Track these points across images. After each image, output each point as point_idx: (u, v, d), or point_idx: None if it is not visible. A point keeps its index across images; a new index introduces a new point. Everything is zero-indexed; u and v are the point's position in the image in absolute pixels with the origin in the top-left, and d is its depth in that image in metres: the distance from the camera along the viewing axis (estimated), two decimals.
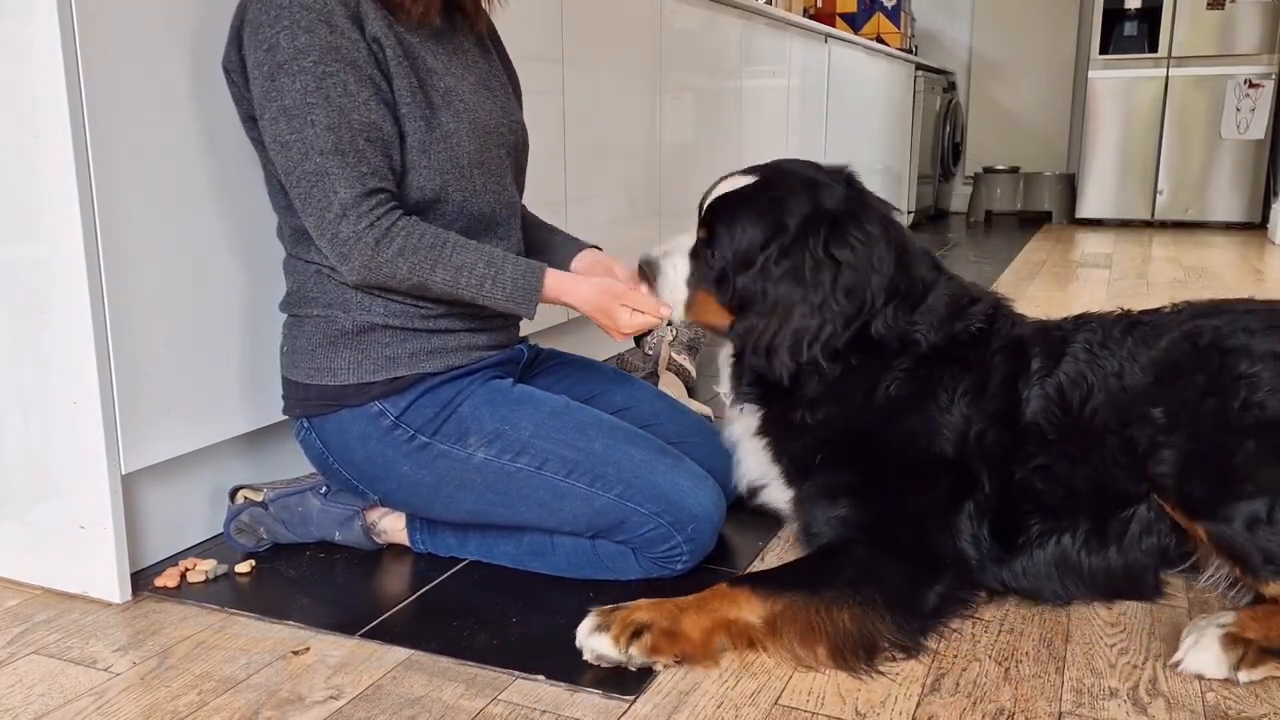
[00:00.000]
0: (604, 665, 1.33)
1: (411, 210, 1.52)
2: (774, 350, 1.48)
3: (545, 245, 1.78)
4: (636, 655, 1.31)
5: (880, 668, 1.33)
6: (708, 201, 1.57)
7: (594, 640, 1.33)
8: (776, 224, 1.49)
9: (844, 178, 1.56)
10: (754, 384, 1.58)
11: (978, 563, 1.48)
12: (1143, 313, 1.58)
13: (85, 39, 1.41)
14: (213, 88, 1.57)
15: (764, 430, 1.60)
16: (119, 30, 1.47)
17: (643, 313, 1.52)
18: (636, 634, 1.32)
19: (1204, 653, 1.32)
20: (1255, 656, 1.30)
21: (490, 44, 1.73)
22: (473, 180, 1.56)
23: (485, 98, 1.61)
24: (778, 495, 1.61)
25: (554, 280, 1.53)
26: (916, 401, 1.50)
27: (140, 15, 1.50)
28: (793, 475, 1.57)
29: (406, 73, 1.49)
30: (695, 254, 1.56)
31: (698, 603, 1.38)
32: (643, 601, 1.38)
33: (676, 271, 1.57)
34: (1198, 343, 1.46)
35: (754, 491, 1.66)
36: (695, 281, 1.56)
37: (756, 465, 1.63)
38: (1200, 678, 1.31)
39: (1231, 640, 1.31)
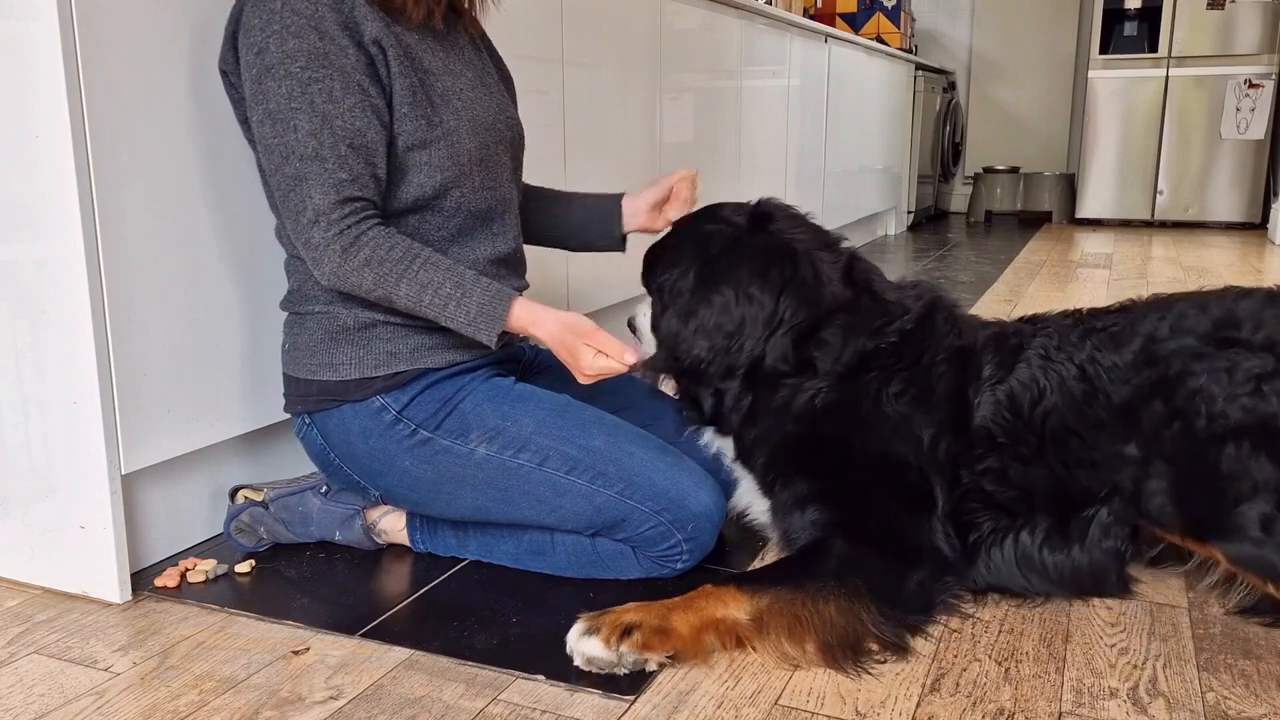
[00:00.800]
0: (595, 670, 1.32)
1: (413, 209, 1.53)
2: (687, 374, 1.59)
3: (588, 215, 1.83)
4: (628, 654, 1.31)
5: (869, 666, 1.33)
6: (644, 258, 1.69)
7: (584, 644, 1.32)
8: (672, 264, 1.60)
9: (751, 214, 1.61)
10: (690, 409, 1.65)
11: (952, 557, 1.49)
12: (1091, 313, 1.60)
13: (85, 39, 1.41)
14: (213, 88, 1.57)
15: (734, 450, 1.64)
16: (119, 30, 1.47)
17: (606, 356, 1.49)
18: (626, 633, 1.32)
19: None
20: None
21: (480, 42, 1.73)
22: (473, 177, 1.56)
23: (483, 95, 1.61)
24: (759, 509, 1.63)
25: (522, 310, 1.49)
26: (847, 407, 1.53)
27: (140, 15, 1.50)
28: (763, 487, 1.60)
29: (408, 72, 1.49)
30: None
31: (685, 602, 1.38)
32: (630, 605, 1.38)
33: (646, 321, 1.68)
34: (1152, 361, 1.47)
35: (742, 513, 1.68)
36: (653, 329, 1.65)
37: (742, 485, 1.66)
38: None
39: None
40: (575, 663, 1.33)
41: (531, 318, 1.50)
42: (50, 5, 1.38)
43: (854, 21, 7.09)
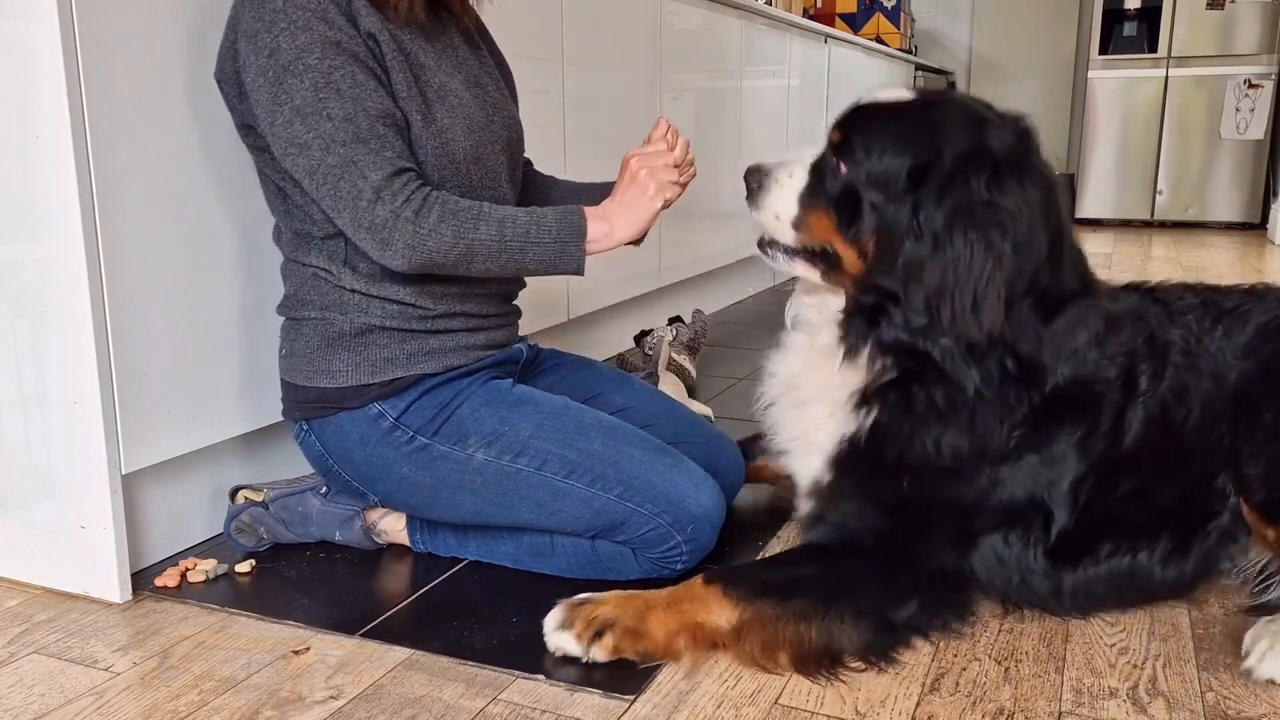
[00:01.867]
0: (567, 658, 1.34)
1: None
2: (956, 315, 1.24)
3: (579, 192, 1.82)
4: (598, 655, 1.31)
5: (846, 675, 1.32)
6: (847, 112, 1.36)
7: (557, 637, 1.34)
8: (932, 149, 1.27)
9: (1015, 126, 1.34)
10: (890, 350, 1.34)
11: (988, 580, 1.42)
12: (1214, 290, 1.49)
13: (85, 39, 1.41)
14: (213, 89, 1.57)
15: (864, 401, 1.38)
16: (119, 30, 1.47)
17: (664, 165, 1.55)
18: (599, 634, 1.31)
19: (1278, 661, 1.28)
20: None
21: (480, 40, 1.73)
22: (468, 176, 1.56)
23: (477, 94, 1.61)
24: (802, 465, 1.48)
25: (592, 211, 1.53)
26: (1029, 453, 1.34)
27: (141, 16, 1.50)
28: (845, 464, 1.41)
29: (402, 67, 1.48)
30: (817, 168, 1.38)
31: (668, 600, 1.36)
32: (612, 595, 1.37)
33: (791, 181, 1.38)
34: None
35: (779, 450, 1.53)
36: (813, 197, 1.36)
37: (804, 425, 1.47)
38: (1273, 683, 1.29)
39: None
40: (549, 650, 1.35)
41: (601, 212, 1.54)
42: (50, 5, 1.38)
43: (854, 22, 7.09)
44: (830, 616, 1.32)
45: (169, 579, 1.60)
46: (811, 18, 5.92)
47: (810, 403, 1.47)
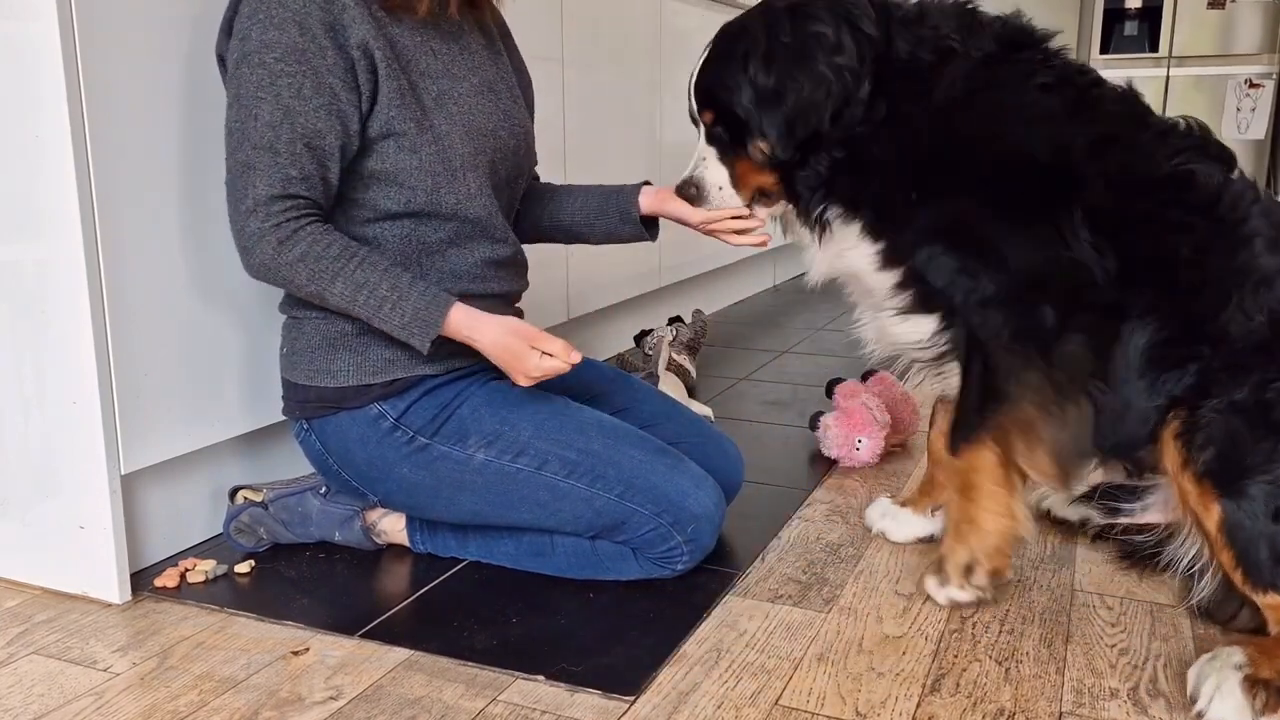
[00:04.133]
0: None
1: (407, 213, 1.52)
2: (814, 126, 1.43)
3: (603, 205, 1.78)
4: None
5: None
6: (689, 89, 1.55)
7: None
8: (745, 51, 1.46)
9: None
10: (819, 187, 1.49)
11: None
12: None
13: (85, 39, 1.41)
14: (213, 88, 1.57)
15: (842, 204, 1.50)
16: (119, 30, 1.47)
17: (552, 356, 1.47)
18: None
19: (1228, 700, 1.22)
20: (1275, 700, 1.21)
21: (503, 46, 1.72)
22: (466, 183, 1.55)
23: (486, 100, 1.60)
24: (857, 260, 1.52)
25: (461, 315, 1.47)
26: (989, 93, 1.42)
27: (141, 15, 1.50)
28: (878, 223, 1.48)
29: (396, 74, 1.48)
30: (710, 138, 1.55)
31: None
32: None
33: (706, 163, 1.56)
34: None
35: (832, 275, 1.59)
36: (723, 156, 1.54)
37: (834, 249, 1.54)
38: None
39: (1250, 684, 1.23)
40: None
41: (470, 323, 1.47)
42: (50, 5, 1.38)
43: None
44: None
45: (168, 579, 1.60)
46: None
47: (847, 265, 1.56)
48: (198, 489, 1.75)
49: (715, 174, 1.56)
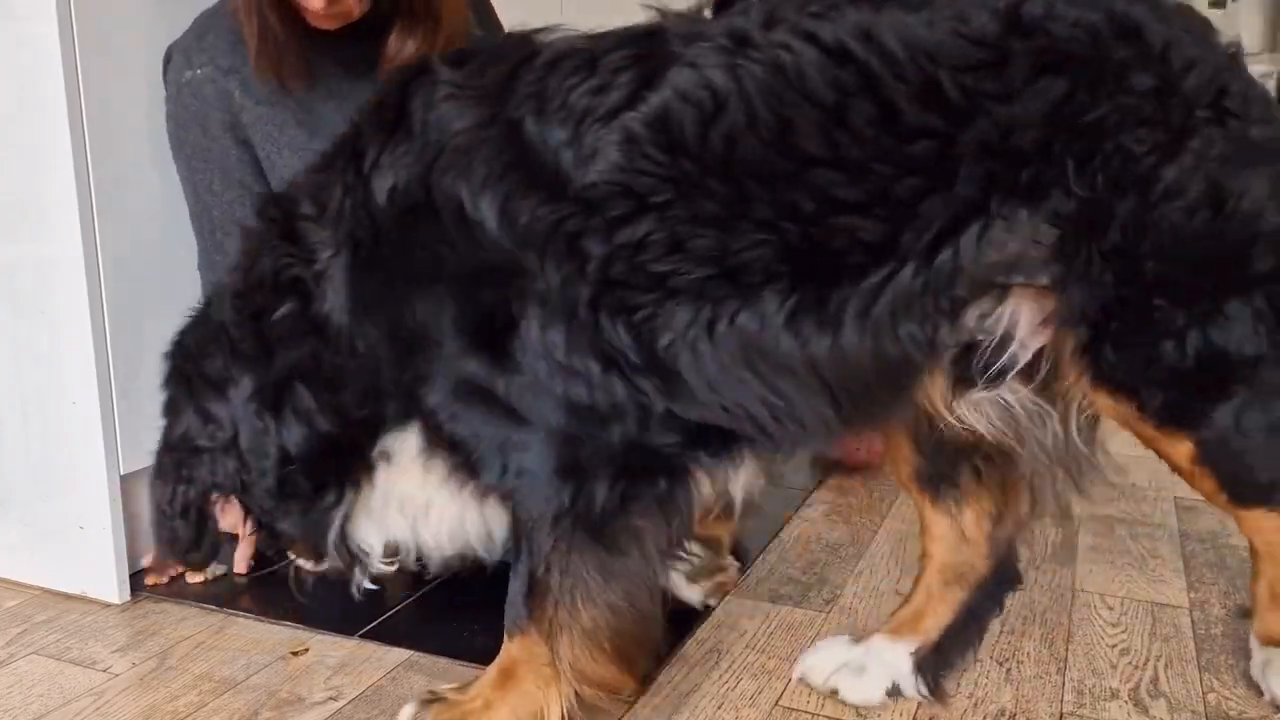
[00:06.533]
0: None
1: None
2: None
3: None
4: None
5: None
6: None
7: None
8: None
9: None
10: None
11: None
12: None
13: (85, 39, 1.41)
14: None
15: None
16: (119, 30, 1.47)
17: None
18: None
19: None
20: None
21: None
22: None
23: None
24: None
25: None
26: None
27: (140, 16, 1.50)
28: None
29: (288, 137, 1.50)
30: None
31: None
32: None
33: None
34: None
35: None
36: None
37: None
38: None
39: None
40: None
41: None
42: (50, 5, 1.38)
43: None
44: None
45: (156, 573, 1.59)
46: None
47: None
48: None
49: None
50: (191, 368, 1.22)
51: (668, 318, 1.04)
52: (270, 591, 1.59)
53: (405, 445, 1.18)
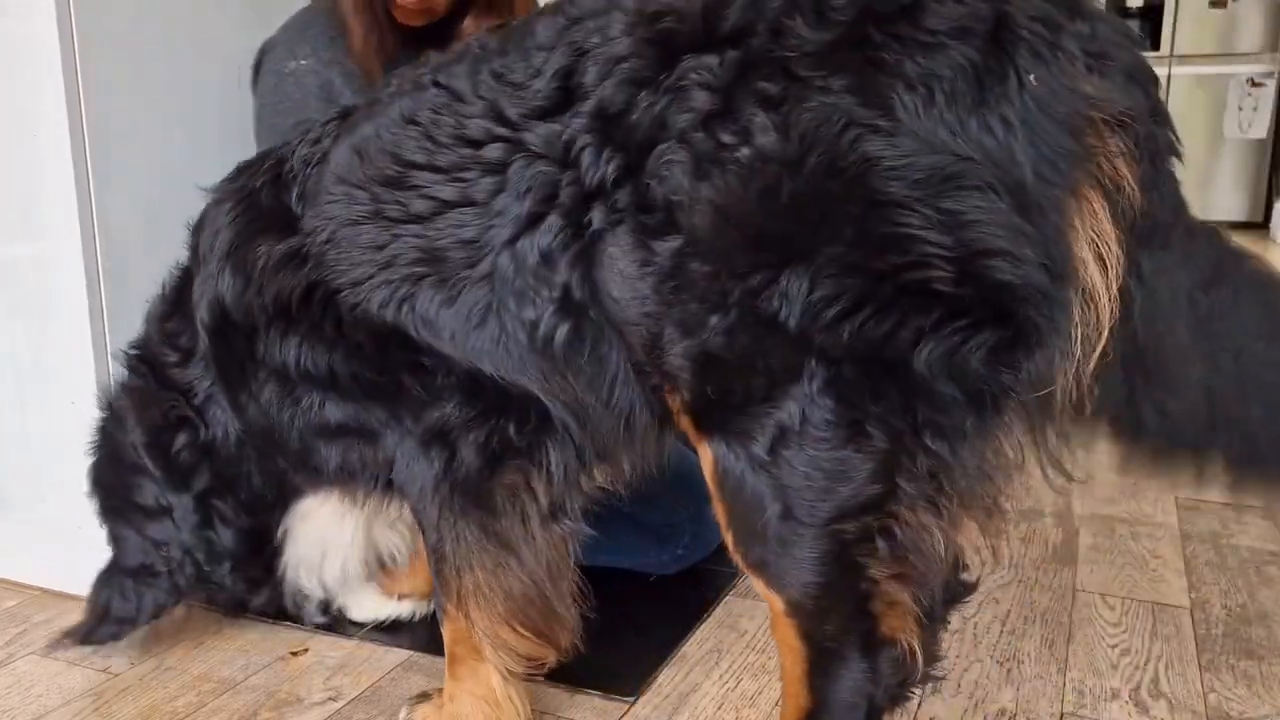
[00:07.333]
0: None
1: None
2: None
3: None
4: None
5: None
6: None
7: None
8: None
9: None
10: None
11: None
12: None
13: (85, 39, 1.41)
14: (212, 88, 1.57)
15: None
16: (119, 30, 1.47)
17: None
18: None
19: None
20: None
21: None
22: None
23: None
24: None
25: None
26: None
27: (140, 16, 1.50)
28: None
29: None
30: None
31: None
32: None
33: None
34: None
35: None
36: None
37: None
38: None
39: None
40: None
41: None
42: (49, 5, 1.38)
43: None
44: None
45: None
46: None
47: None
48: None
49: None
50: (121, 502, 1.39)
51: None
52: None
53: (303, 506, 1.37)
